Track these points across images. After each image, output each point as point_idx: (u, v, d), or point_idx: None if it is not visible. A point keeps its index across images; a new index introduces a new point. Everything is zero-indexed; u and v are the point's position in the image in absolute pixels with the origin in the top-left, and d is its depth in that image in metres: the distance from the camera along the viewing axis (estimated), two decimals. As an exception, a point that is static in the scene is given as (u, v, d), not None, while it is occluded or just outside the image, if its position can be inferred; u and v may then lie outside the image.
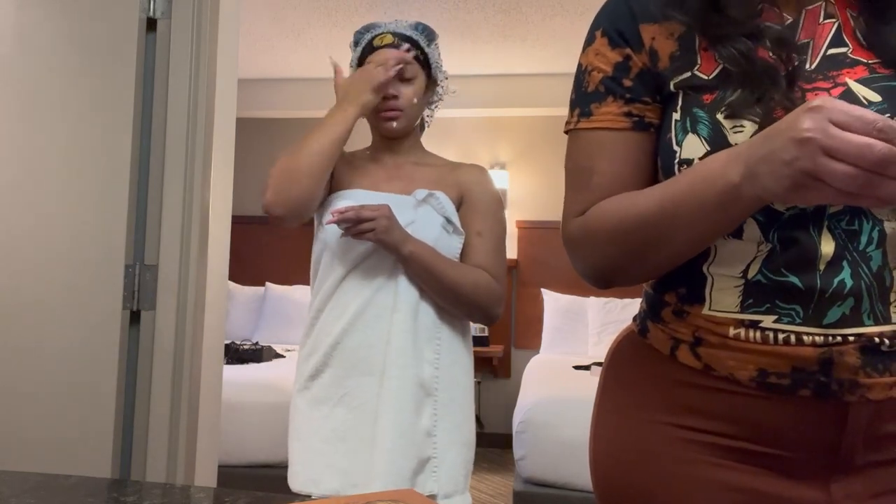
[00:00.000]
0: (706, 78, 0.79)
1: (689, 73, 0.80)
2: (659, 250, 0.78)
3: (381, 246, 1.42)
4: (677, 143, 0.79)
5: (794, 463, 0.76)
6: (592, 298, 4.79)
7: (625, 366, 0.90)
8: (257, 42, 4.57)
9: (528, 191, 5.22)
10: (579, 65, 0.89)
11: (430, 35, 1.59)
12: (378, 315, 1.45)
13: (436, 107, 1.68)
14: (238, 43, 2.13)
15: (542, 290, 5.00)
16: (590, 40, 0.88)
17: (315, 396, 1.47)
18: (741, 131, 0.74)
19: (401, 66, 1.50)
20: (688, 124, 0.78)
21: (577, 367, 3.99)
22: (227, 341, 4.04)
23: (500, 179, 5.06)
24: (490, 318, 1.52)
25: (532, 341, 5.01)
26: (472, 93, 4.94)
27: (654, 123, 0.84)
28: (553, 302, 4.87)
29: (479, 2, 3.91)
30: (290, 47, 4.68)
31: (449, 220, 1.51)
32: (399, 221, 1.43)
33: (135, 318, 1.79)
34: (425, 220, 1.49)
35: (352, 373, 1.45)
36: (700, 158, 0.76)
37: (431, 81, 1.60)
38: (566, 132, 0.89)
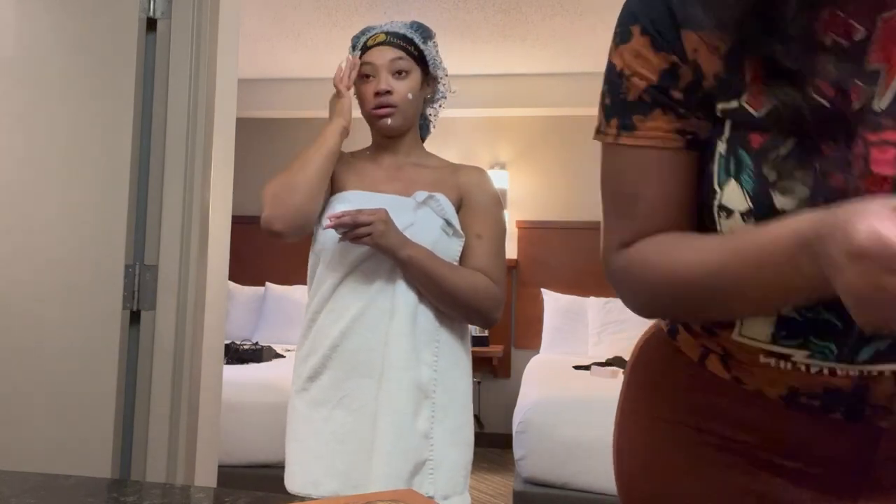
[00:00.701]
0: (755, 114, 0.67)
1: (735, 104, 0.69)
2: (710, 312, 0.72)
3: (377, 250, 1.41)
4: (718, 184, 0.70)
5: (822, 479, 0.74)
6: (592, 298, 4.79)
7: (651, 365, 0.87)
8: (257, 42, 4.57)
9: (528, 191, 5.22)
10: (612, 66, 0.75)
11: (426, 32, 1.59)
12: (377, 318, 1.44)
13: (439, 106, 1.66)
14: (238, 43, 2.13)
15: (542, 290, 5.00)
16: (624, 37, 0.73)
17: (314, 398, 1.47)
18: (790, 195, 0.65)
19: (355, 67, 1.53)
20: (731, 166, 0.69)
21: (577, 367, 3.99)
22: (227, 341, 4.04)
23: (500, 179, 5.07)
24: (488, 321, 1.51)
25: (532, 341, 5.01)
26: (472, 93, 4.94)
27: (706, 140, 0.73)
28: (553, 302, 4.87)
29: (479, 2, 3.91)
30: (290, 47, 4.68)
31: (448, 223, 1.49)
32: (398, 224, 1.42)
33: (135, 318, 1.79)
34: (425, 222, 1.47)
35: (351, 375, 1.44)
36: (743, 214, 0.67)
37: (430, 78, 1.59)
38: (600, 141, 0.77)
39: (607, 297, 4.74)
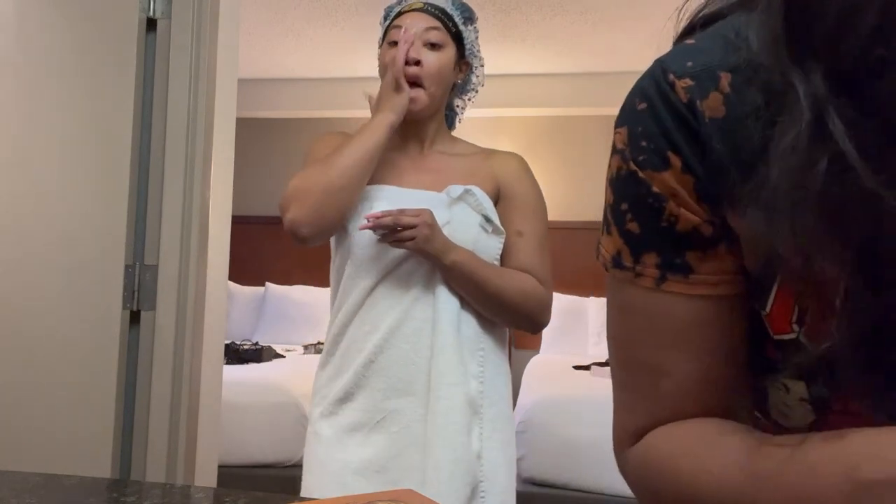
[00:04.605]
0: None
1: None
2: None
3: (421, 256, 1.27)
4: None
5: None
6: (592, 298, 4.79)
7: None
8: (257, 42, 4.56)
9: (528, 191, 5.21)
10: (636, 177, 0.51)
11: (468, 13, 1.42)
12: (418, 329, 1.29)
13: (470, 99, 1.51)
14: (238, 43, 2.13)
15: (542, 290, 4.99)
16: (656, 163, 0.50)
17: (345, 423, 1.31)
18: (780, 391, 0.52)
19: (411, 43, 1.32)
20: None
21: (577, 367, 3.99)
22: (227, 341, 4.04)
23: (500, 179, 5.06)
24: (537, 326, 1.38)
25: (532, 341, 5.01)
26: (472, 93, 4.94)
27: None
28: (553, 302, 4.87)
29: (479, 2, 3.91)
30: (290, 47, 4.68)
31: (488, 219, 1.34)
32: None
33: (135, 318, 1.79)
34: (462, 220, 1.32)
35: (390, 394, 1.28)
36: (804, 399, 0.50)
37: (464, 63, 1.43)
38: (619, 279, 0.55)
39: (607, 297, 4.74)
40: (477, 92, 1.50)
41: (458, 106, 1.50)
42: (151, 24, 1.82)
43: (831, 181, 0.41)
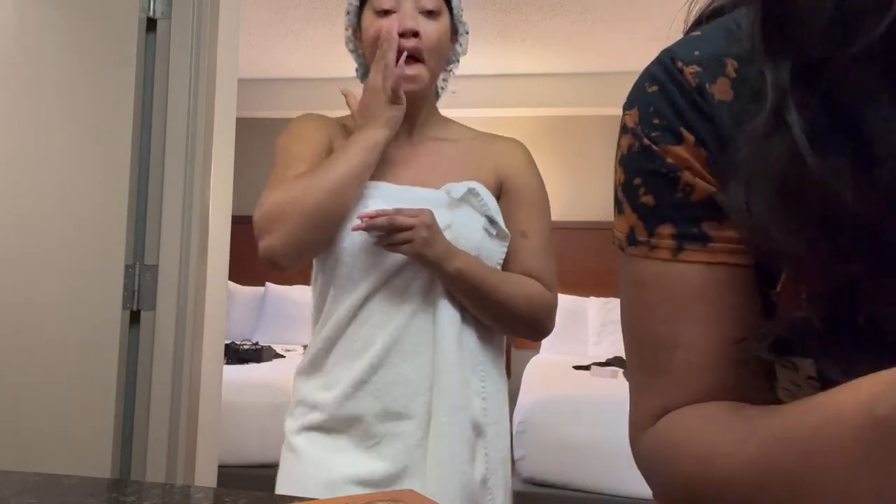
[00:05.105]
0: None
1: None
2: None
3: (419, 262, 1.13)
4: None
5: None
6: (592, 298, 4.79)
7: None
8: (257, 42, 4.57)
9: (528, 191, 5.21)
10: (649, 151, 0.53)
11: None
12: (418, 344, 1.15)
13: (452, 70, 1.34)
14: (238, 43, 2.13)
15: (542, 290, 4.99)
16: (666, 132, 0.52)
17: (330, 444, 1.17)
18: (788, 367, 0.51)
19: (398, 40, 1.15)
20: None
21: (577, 367, 4.00)
22: (227, 341, 4.04)
23: (500, 179, 5.06)
24: (542, 333, 1.25)
25: (532, 341, 5.01)
26: (472, 93, 4.94)
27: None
28: (553, 302, 4.87)
29: (479, 2, 3.91)
30: (290, 47, 4.68)
31: (492, 221, 1.21)
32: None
33: (135, 318, 1.79)
34: (465, 223, 1.18)
35: (384, 418, 1.14)
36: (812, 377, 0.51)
37: (453, 32, 1.27)
38: (635, 255, 0.54)
39: (607, 298, 4.74)
40: (459, 62, 1.33)
41: (443, 79, 1.33)
42: (151, 24, 1.82)
43: (788, 165, 0.44)
